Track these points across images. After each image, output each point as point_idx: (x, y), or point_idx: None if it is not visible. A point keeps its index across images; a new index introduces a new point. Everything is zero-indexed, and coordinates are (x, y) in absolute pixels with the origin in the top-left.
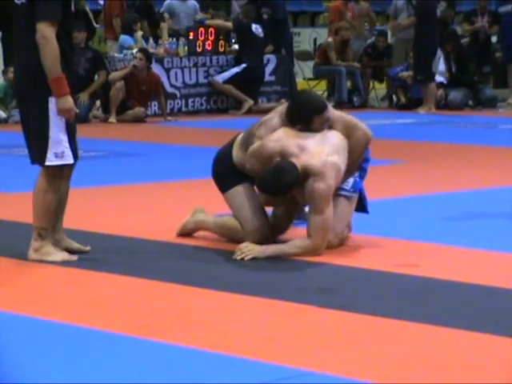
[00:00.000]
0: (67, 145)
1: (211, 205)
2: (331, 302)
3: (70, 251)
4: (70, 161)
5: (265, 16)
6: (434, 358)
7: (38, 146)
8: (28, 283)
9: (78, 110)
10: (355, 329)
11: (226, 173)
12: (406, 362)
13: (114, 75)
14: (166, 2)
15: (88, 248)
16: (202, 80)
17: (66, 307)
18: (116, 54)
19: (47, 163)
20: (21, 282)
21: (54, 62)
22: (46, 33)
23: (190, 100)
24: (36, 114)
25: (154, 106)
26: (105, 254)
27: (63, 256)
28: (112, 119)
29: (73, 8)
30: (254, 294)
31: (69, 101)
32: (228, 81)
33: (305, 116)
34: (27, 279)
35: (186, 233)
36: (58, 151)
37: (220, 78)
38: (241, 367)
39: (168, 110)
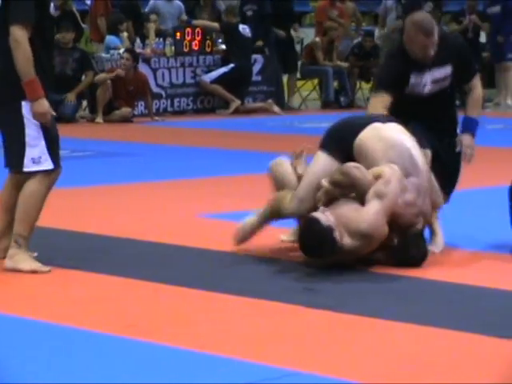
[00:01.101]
0: (45, 150)
1: (198, 205)
2: (318, 302)
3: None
4: (49, 166)
5: (249, 13)
6: (422, 357)
7: (14, 152)
8: (15, 283)
9: (54, 113)
10: (342, 329)
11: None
12: (393, 362)
13: (100, 77)
14: (150, 2)
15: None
16: (188, 80)
17: (53, 307)
18: (103, 54)
19: (24, 169)
20: (8, 283)
21: (26, 65)
22: (18, 36)
23: (176, 100)
24: (10, 119)
25: (140, 106)
26: (92, 253)
27: (33, 265)
28: (99, 119)
29: (52, 9)
30: (241, 294)
31: (43, 104)
32: (215, 81)
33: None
34: (14, 279)
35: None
36: (35, 156)
37: (207, 78)
38: (228, 367)
39: (154, 110)
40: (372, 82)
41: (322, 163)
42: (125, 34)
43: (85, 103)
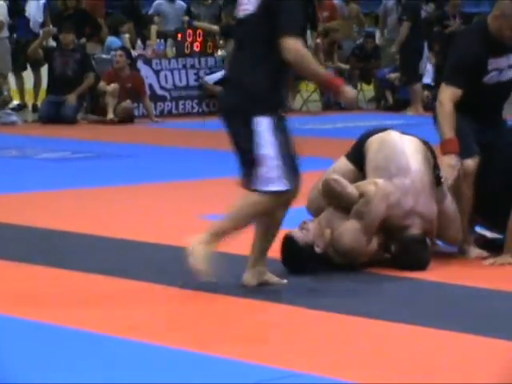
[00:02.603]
0: (277, 169)
1: (200, 206)
2: (320, 303)
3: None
4: (280, 187)
5: None
6: (423, 359)
7: (245, 167)
8: (17, 285)
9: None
10: (344, 330)
11: None
12: (394, 364)
13: (102, 85)
14: (154, 3)
15: (285, 281)
16: (192, 82)
17: (55, 308)
18: (103, 56)
19: (254, 187)
20: (10, 284)
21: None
22: (297, 48)
23: (181, 102)
24: (241, 132)
25: (141, 108)
26: (92, 255)
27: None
28: (110, 115)
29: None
30: (243, 295)
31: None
32: (218, 82)
33: None
34: (16, 281)
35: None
36: (266, 175)
37: (211, 79)
38: (229, 368)
39: (158, 113)
40: (373, 84)
41: (338, 165)
42: (126, 36)
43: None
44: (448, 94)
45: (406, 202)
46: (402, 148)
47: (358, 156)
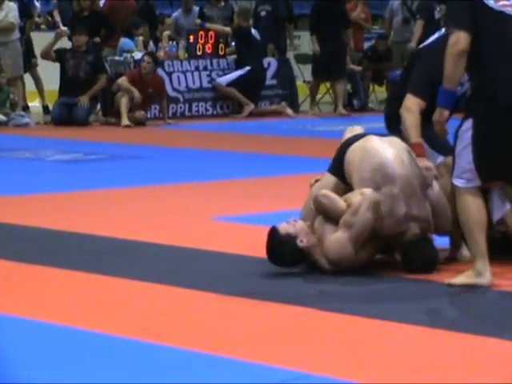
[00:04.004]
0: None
1: (213, 208)
2: (329, 304)
3: None
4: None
5: (263, 13)
6: (434, 360)
7: None
8: (27, 286)
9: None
10: (354, 331)
11: None
12: (406, 364)
13: (123, 81)
14: (172, 16)
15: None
16: (205, 84)
17: (65, 309)
18: (116, 58)
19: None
20: (20, 285)
21: None
22: None
23: (194, 104)
24: None
25: (154, 109)
26: (106, 256)
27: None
28: (125, 121)
29: None
30: (254, 297)
31: None
32: (231, 84)
33: None
34: (26, 282)
35: None
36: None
37: (223, 81)
38: (239, 370)
39: (171, 114)
40: (385, 85)
41: (323, 181)
42: (140, 38)
43: (98, 106)
44: (415, 103)
45: (399, 209)
46: (385, 155)
47: (339, 168)
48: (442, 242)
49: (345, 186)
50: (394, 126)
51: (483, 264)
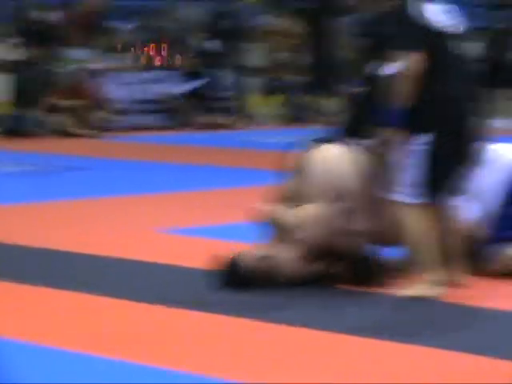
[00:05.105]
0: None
1: (158, 220)
2: (278, 316)
3: None
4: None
5: (221, 26)
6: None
7: None
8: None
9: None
10: (304, 345)
11: None
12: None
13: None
14: None
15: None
16: (154, 96)
17: (11, 323)
18: (65, 69)
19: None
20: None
21: None
22: None
23: (146, 116)
24: None
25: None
26: (49, 269)
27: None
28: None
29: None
30: (199, 309)
31: None
32: (185, 95)
33: None
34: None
35: None
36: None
37: (176, 92)
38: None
39: (123, 126)
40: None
41: (282, 193)
42: (90, 49)
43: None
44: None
45: (351, 224)
46: (338, 168)
47: (295, 180)
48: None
49: (302, 197)
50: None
51: (433, 275)
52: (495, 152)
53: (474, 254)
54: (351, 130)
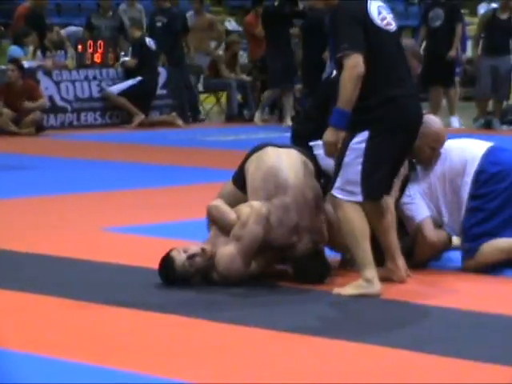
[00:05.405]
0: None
1: (103, 218)
2: (221, 315)
3: None
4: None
5: (158, 24)
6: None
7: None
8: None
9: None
10: (242, 343)
11: None
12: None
13: None
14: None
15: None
16: (95, 94)
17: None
18: (2, 67)
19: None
20: None
21: None
22: None
23: (83, 114)
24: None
25: (51, 119)
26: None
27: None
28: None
29: None
30: (136, 307)
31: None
32: (122, 93)
33: None
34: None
35: None
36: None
37: (114, 90)
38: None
39: (59, 124)
40: None
41: (225, 189)
42: (30, 47)
43: None
44: None
45: (290, 219)
46: (279, 165)
47: (240, 178)
48: None
49: (244, 195)
50: (302, 145)
51: (371, 273)
52: (450, 148)
53: (415, 251)
54: (303, 131)
